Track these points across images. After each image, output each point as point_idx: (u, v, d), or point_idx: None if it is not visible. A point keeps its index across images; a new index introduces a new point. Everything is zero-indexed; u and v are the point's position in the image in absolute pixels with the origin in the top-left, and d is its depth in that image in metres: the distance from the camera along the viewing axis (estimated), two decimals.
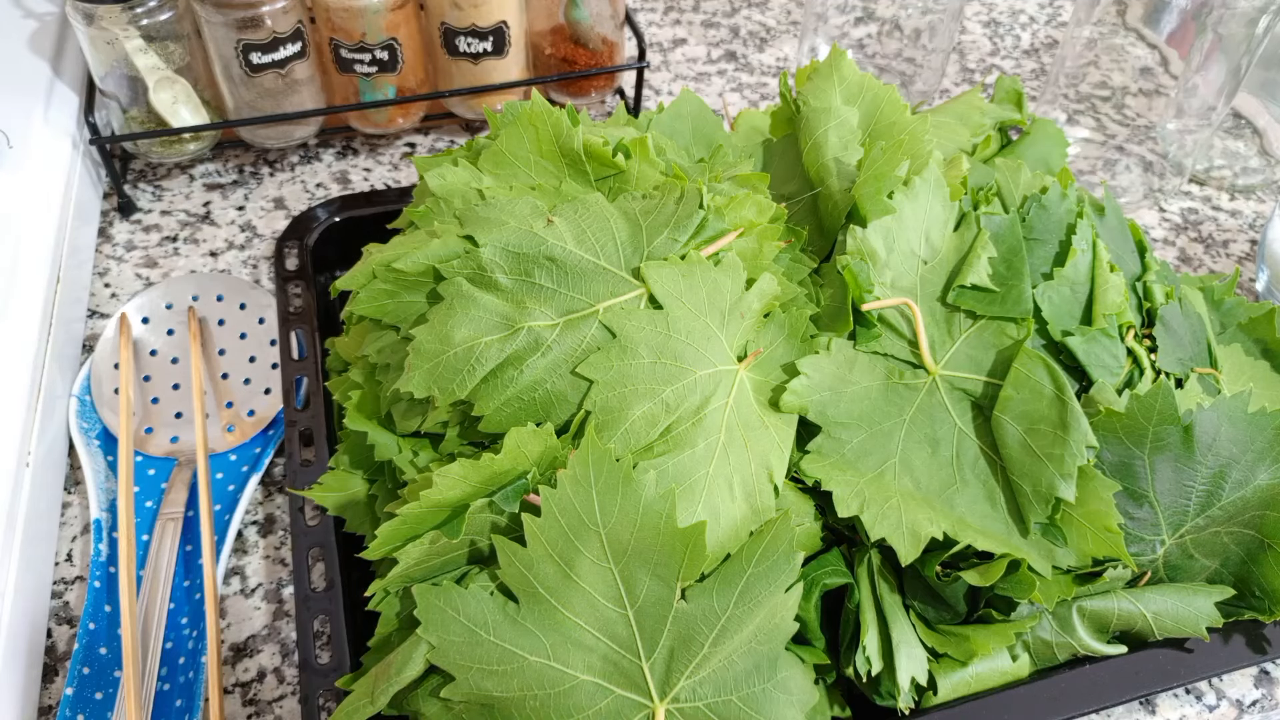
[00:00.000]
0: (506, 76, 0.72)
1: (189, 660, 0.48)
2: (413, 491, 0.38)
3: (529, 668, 0.35)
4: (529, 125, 0.45)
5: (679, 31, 0.92)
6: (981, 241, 0.45)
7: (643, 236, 0.42)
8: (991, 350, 0.44)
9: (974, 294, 0.44)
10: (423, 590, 0.37)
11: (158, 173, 0.73)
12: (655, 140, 0.49)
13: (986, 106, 0.57)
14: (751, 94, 0.86)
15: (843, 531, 0.42)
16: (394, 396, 0.42)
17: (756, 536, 0.37)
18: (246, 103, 0.68)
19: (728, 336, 0.41)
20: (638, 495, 0.36)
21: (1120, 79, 0.74)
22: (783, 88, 0.54)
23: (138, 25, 0.63)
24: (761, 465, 0.40)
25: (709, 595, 0.36)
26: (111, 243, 0.68)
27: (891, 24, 0.81)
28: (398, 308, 0.42)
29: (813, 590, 0.39)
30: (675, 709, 0.35)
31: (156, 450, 0.56)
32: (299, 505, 0.47)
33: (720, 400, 0.40)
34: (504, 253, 0.41)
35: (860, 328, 0.44)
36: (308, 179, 0.74)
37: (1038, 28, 0.96)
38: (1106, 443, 0.41)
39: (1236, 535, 0.42)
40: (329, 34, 0.67)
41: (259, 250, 0.68)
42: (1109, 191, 0.51)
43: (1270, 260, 0.68)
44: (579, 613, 0.36)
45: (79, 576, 0.51)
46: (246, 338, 0.61)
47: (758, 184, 0.46)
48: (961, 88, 0.88)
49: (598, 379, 0.39)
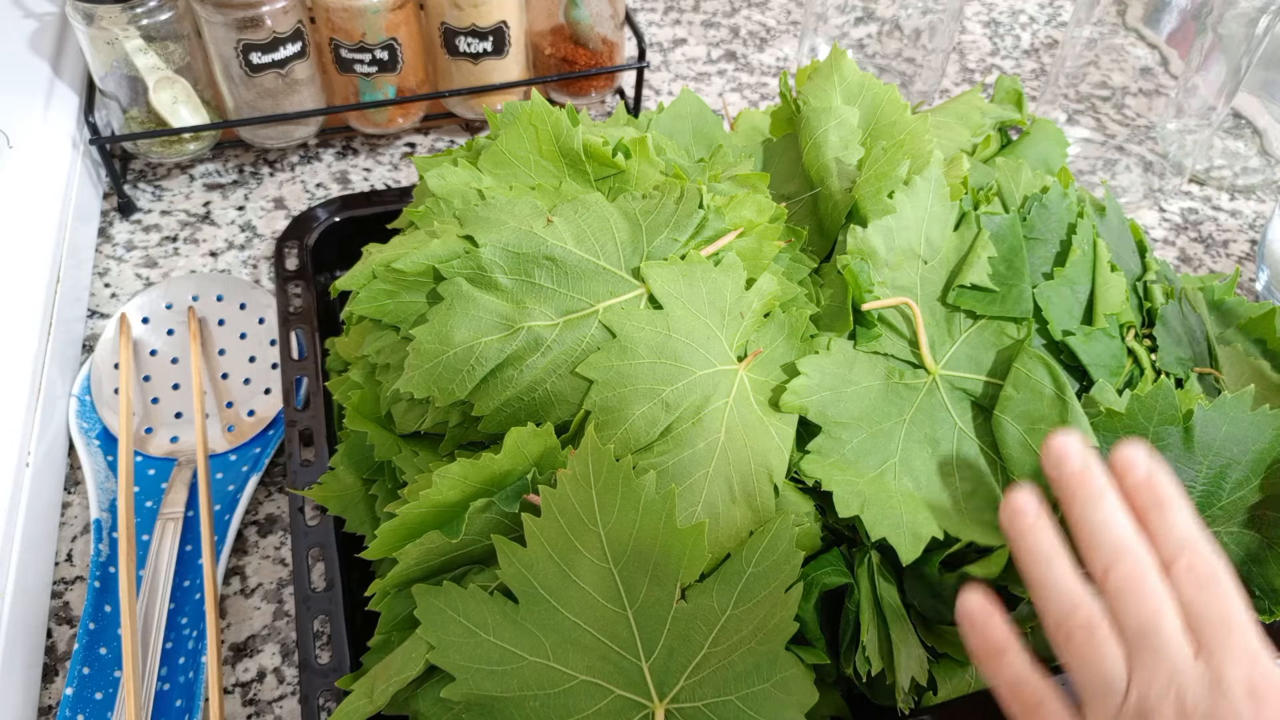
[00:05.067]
0: (506, 76, 0.72)
1: (189, 660, 0.48)
2: (413, 491, 0.38)
3: (529, 668, 0.35)
4: (529, 125, 0.45)
5: (679, 31, 0.92)
6: (982, 241, 0.45)
7: (643, 236, 0.42)
8: (992, 350, 0.44)
9: (974, 294, 0.44)
10: (422, 590, 0.37)
11: (158, 173, 0.73)
12: (655, 140, 0.49)
13: (986, 106, 0.57)
14: (751, 94, 0.86)
15: (842, 531, 0.42)
16: (394, 396, 0.42)
17: (756, 536, 0.37)
18: (246, 103, 0.68)
19: (728, 336, 0.41)
20: (637, 495, 0.36)
21: (1120, 79, 0.74)
22: (783, 87, 0.54)
23: (138, 25, 0.63)
24: (761, 465, 0.40)
25: (709, 595, 0.36)
26: (111, 243, 0.68)
27: (891, 24, 0.81)
28: (398, 308, 0.42)
29: (812, 590, 0.39)
30: (675, 709, 0.35)
31: (156, 450, 0.56)
32: (299, 505, 0.47)
33: (720, 400, 0.40)
34: (504, 253, 0.41)
35: (860, 327, 0.43)
36: (308, 179, 0.74)
37: (1038, 28, 0.96)
38: (1107, 442, 0.41)
39: (1236, 535, 0.42)
40: (329, 34, 0.67)
41: (259, 250, 0.68)
42: (1109, 191, 0.51)
43: (1270, 260, 0.68)
44: (579, 613, 0.36)
45: (79, 576, 0.51)
46: (246, 338, 0.61)
47: (758, 184, 0.46)
48: (961, 88, 0.88)
49: (597, 379, 0.39)
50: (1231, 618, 0.32)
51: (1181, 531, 0.34)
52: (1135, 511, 0.34)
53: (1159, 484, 0.35)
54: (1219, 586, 0.32)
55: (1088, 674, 0.32)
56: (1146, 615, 0.32)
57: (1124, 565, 0.33)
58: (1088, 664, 0.32)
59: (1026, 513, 0.35)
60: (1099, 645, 0.32)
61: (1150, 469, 0.35)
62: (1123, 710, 0.31)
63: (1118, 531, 0.34)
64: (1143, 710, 0.31)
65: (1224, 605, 0.32)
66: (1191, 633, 0.32)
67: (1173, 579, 0.33)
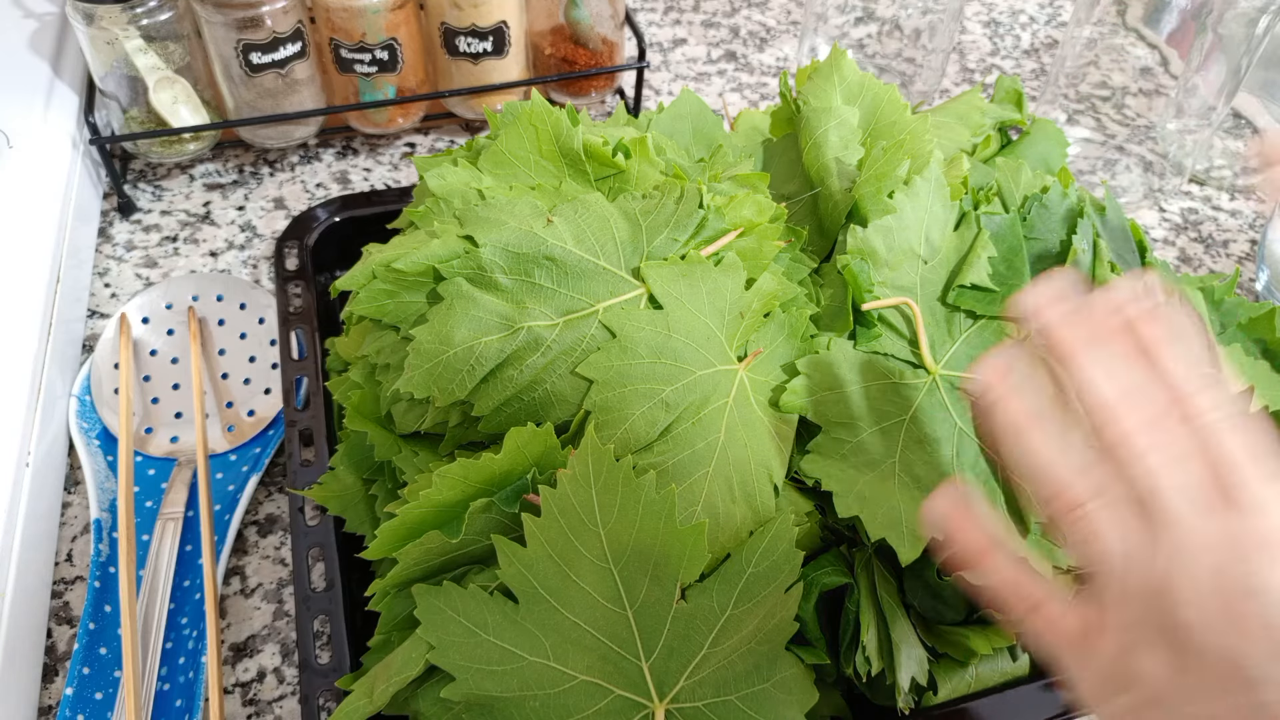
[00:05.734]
0: (506, 76, 0.72)
1: (189, 660, 0.48)
2: (413, 491, 0.38)
3: (529, 668, 0.35)
4: (529, 125, 0.45)
5: (679, 31, 0.92)
6: (982, 241, 0.45)
7: (643, 236, 0.42)
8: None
9: (974, 294, 0.44)
10: (422, 590, 0.36)
11: (158, 173, 0.73)
12: (655, 140, 0.49)
13: (986, 106, 0.57)
14: (751, 94, 0.86)
15: (842, 531, 0.42)
16: (394, 396, 0.42)
17: (756, 536, 0.37)
18: (246, 103, 0.68)
19: (728, 336, 0.41)
20: (638, 495, 0.36)
21: (1120, 79, 0.74)
22: (783, 87, 0.54)
23: (138, 25, 0.63)
24: (761, 465, 0.40)
25: (709, 595, 0.36)
26: (111, 243, 0.68)
27: (891, 24, 0.81)
28: (398, 308, 0.42)
29: (812, 590, 0.39)
30: (675, 709, 0.35)
31: (156, 450, 0.56)
32: (299, 505, 0.47)
33: (720, 400, 0.40)
34: (504, 253, 0.41)
35: (860, 327, 0.43)
36: (308, 179, 0.74)
37: (1038, 28, 0.96)
38: None
39: None
40: (329, 34, 0.67)
41: (259, 250, 0.68)
42: (1109, 191, 0.51)
43: (1270, 260, 0.68)
44: (579, 613, 0.36)
45: (79, 577, 0.51)
46: (246, 338, 0.61)
47: (758, 184, 0.46)
48: (961, 88, 0.88)
49: (597, 379, 0.39)
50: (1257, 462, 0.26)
51: (1195, 367, 0.28)
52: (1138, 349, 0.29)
53: (1165, 314, 0.29)
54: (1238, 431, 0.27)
55: (1096, 550, 0.28)
56: (1158, 470, 0.27)
57: (1129, 417, 0.28)
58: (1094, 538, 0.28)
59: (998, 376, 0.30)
60: (1105, 516, 0.28)
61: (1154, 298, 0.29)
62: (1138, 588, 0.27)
63: (1120, 375, 0.28)
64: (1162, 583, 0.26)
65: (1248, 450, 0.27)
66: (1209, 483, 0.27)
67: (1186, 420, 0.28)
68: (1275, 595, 0.25)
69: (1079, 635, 0.28)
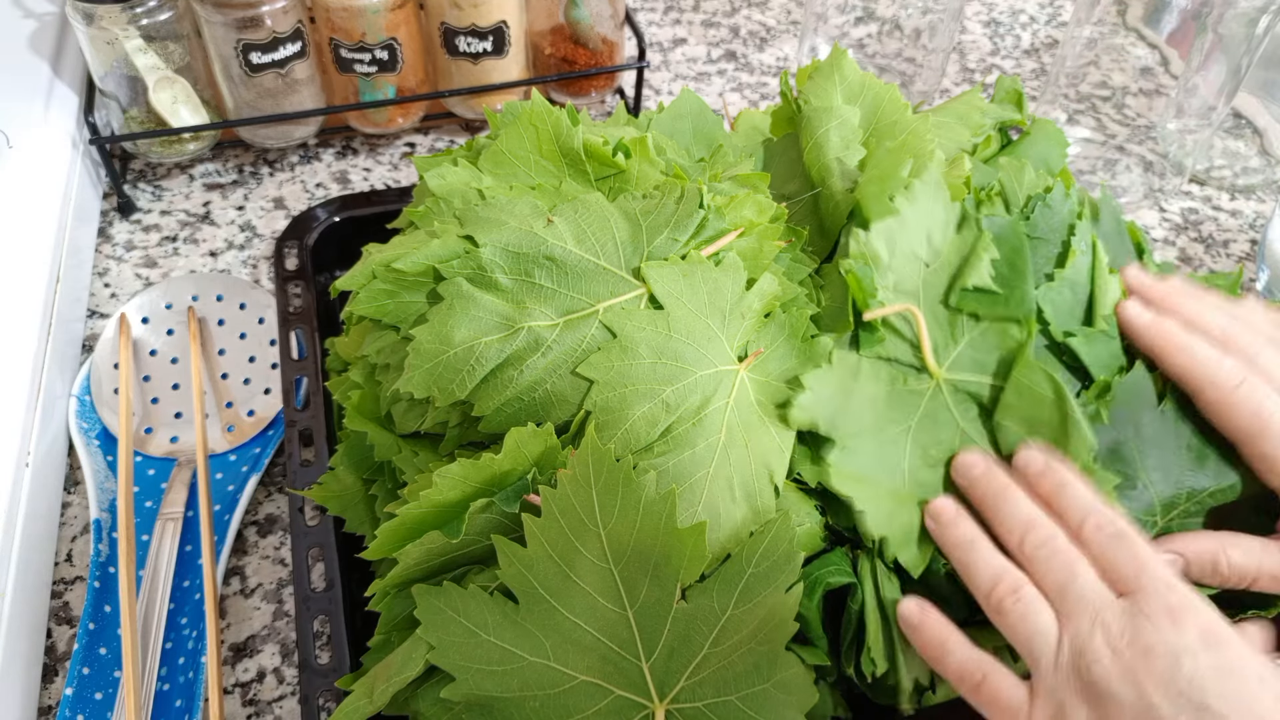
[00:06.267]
0: (506, 76, 0.72)
1: (189, 660, 0.48)
2: (413, 491, 0.38)
3: (529, 668, 0.35)
4: (529, 125, 0.45)
5: (679, 31, 0.92)
6: (983, 243, 0.45)
7: (643, 236, 0.42)
8: (995, 352, 0.43)
9: (976, 296, 0.44)
10: (422, 590, 0.36)
11: (157, 173, 0.73)
12: (655, 140, 0.49)
13: (987, 106, 0.57)
14: (751, 94, 0.85)
15: (843, 532, 0.42)
16: (394, 396, 0.42)
17: (757, 537, 0.37)
18: (246, 103, 0.68)
19: (728, 337, 0.41)
20: (638, 495, 0.36)
21: (1120, 79, 0.74)
22: (783, 87, 0.54)
23: (138, 25, 0.63)
24: (762, 465, 0.40)
25: (709, 595, 0.36)
26: (111, 243, 0.68)
27: (891, 24, 0.81)
28: (398, 308, 0.42)
29: (815, 590, 0.39)
30: (675, 709, 0.35)
31: (156, 450, 0.56)
32: (299, 505, 0.47)
33: (721, 400, 0.40)
34: (504, 253, 0.41)
35: (863, 332, 0.43)
36: (307, 179, 0.74)
37: (1038, 28, 0.96)
38: (1100, 432, 0.41)
39: None
40: (329, 34, 0.67)
41: (259, 250, 0.68)
42: (1106, 192, 0.51)
43: (1270, 260, 0.68)
44: (579, 613, 0.36)
45: (79, 577, 0.51)
46: (246, 338, 0.61)
47: (758, 184, 0.46)
48: (961, 88, 0.88)
49: (598, 379, 0.39)
50: (1141, 557, 0.35)
51: (1084, 501, 0.37)
52: (1042, 499, 0.38)
53: (1056, 470, 0.38)
54: (1125, 538, 0.35)
55: (1023, 633, 0.35)
56: (1062, 568, 0.35)
57: (1035, 534, 0.36)
58: (1021, 622, 0.35)
59: (945, 511, 0.39)
60: (1027, 603, 0.35)
61: (1047, 461, 0.38)
62: (1058, 659, 0.34)
63: (1024, 511, 0.37)
64: (1076, 650, 0.34)
65: (1133, 549, 0.35)
66: (1108, 580, 0.35)
67: (1083, 540, 0.36)
68: (1168, 650, 0.32)
69: (1019, 704, 0.34)
